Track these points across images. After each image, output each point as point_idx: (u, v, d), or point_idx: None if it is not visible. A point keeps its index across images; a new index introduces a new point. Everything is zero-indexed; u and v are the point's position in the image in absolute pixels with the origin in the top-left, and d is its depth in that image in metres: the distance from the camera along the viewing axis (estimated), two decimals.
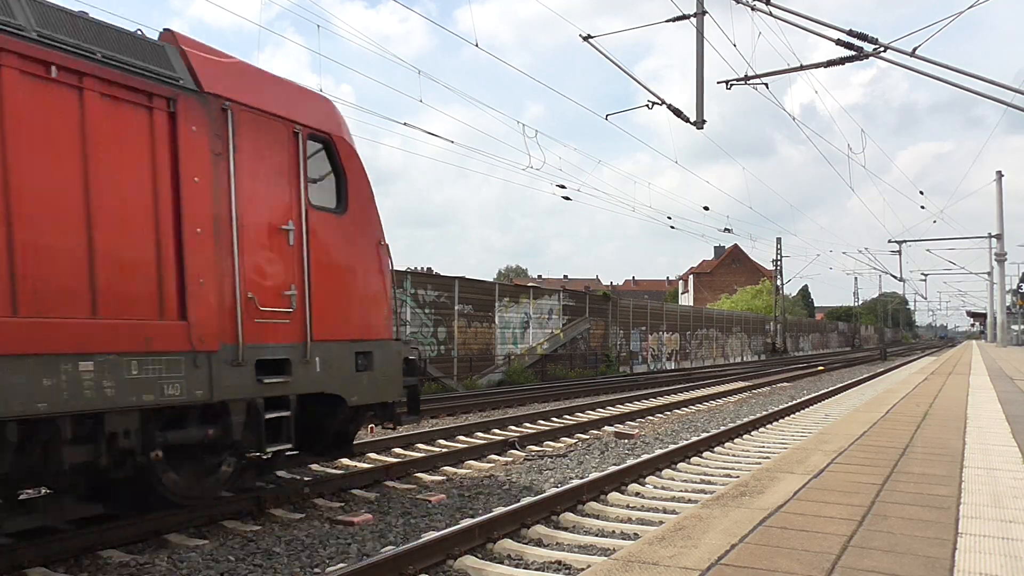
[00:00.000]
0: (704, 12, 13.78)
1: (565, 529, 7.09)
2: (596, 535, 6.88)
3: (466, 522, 6.70)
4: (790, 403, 17.96)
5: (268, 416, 6.84)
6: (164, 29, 6.65)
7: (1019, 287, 57.69)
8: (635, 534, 6.66)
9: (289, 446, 7.16)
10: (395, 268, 8.81)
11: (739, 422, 14.42)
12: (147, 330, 5.77)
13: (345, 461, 9.95)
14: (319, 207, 7.46)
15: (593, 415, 16.17)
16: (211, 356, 6.24)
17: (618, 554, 3.96)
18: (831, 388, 22.67)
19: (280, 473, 9.17)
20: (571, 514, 7.52)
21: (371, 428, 8.84)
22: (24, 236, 5.10)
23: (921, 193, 50.69)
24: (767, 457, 10.53)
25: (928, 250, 51.69)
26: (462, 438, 12.69)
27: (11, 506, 5.95)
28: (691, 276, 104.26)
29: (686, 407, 18.02)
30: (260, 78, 7.20)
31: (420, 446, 11.77)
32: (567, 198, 26.15)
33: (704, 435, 12.57)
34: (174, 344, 5.96)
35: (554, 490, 8.14)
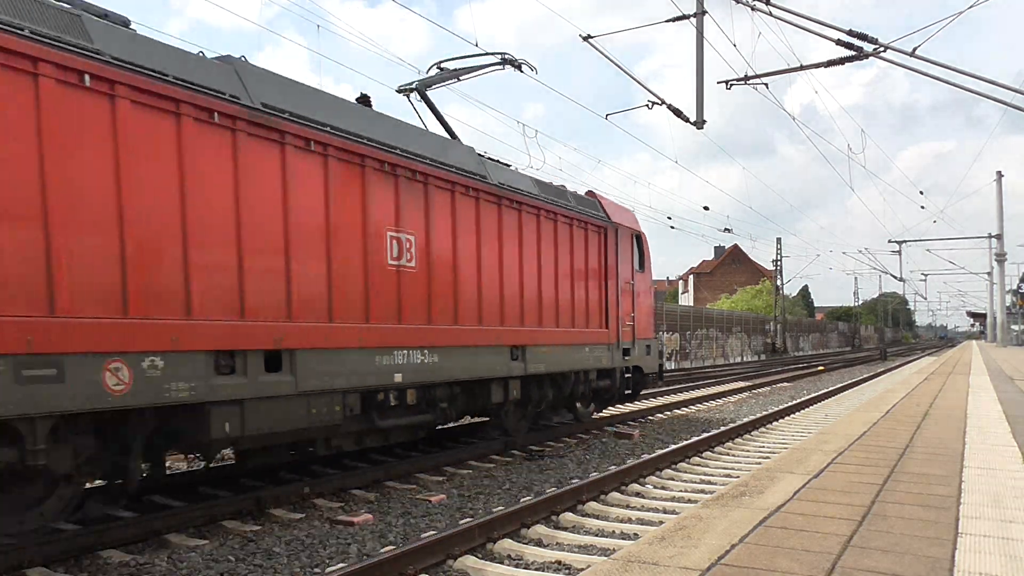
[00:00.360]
0: (704, 12, 13.78)
1: (565, 529, 7.09)
2: (596, 535, 6.88)
3: (466, 522, 6.71)
4: (790, 403, 17.96)
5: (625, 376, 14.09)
6: (588, 191, 13.80)
7: (1019, 287, 57.70)
8: (635, 534, 6.66)
9: (629, 391, 14.34)
10: None
11: (739, 422, 14.42)
12: (599, 335, 13.02)
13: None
14: (636, 270, 14.48)
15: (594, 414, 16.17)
16: (612, 346, 13.35)
17: (618, 554, 3.96)
18: (831, 388, 22.67)
19: (280, 473, 9.26)
20: (571, 514, 7.52)
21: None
22: (564, 296, 12.27)
23: (921, 193, 50.74)
24: (767, 457, 10.53)
25: (928, 250, 51.78)
26: None
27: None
28: (691, 276, 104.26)
29: (686, 407, 18.02)
30: (621, 209, 14.50)
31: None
32: None
33: (704, 435, 12.56)
34: (604, 339, 13.14)
35: (554, 490, 8.14)
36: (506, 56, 11.58)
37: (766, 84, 14.39)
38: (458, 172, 9.66)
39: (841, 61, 12.53)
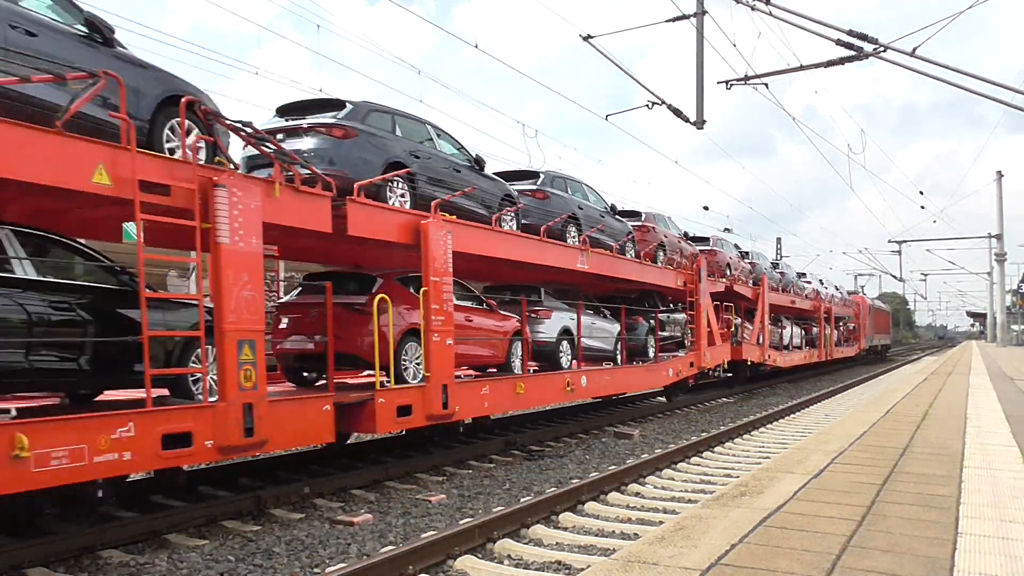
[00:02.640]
0: (704, 12, 13.77)
1: (565, 529, 7.09)
2: (596, 535, 6.88)
3: (466, 522, 6.71)
4: (790, 403, 17.96)
5: None
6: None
7: (1019, 287, 57.68)
8: (635, 534, 6.66)
9: None
10: None
11: (739, 422, 14.42)
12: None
13: None
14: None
15: (594, 415, 16.16)
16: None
17: (618, 554, 3.96)
18: (831, 388, 22.67)
19: (280, 473, 9.28)
20: (571, 514, 7.52)
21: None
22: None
23: (921, 193, 50.77)
24: (767, 457, 10.53)
25: (928, 250, 51.70)
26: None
27: None
28: None
29: (686, 407, 18.02)
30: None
31: None
32: None
33: (704, 435, 12.57)
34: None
35: (554, 490, 8.14)
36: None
37: (766, 84, 14.38)
38: None
39: (841, 61, 12.51)
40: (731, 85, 14.33)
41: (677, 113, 14.22)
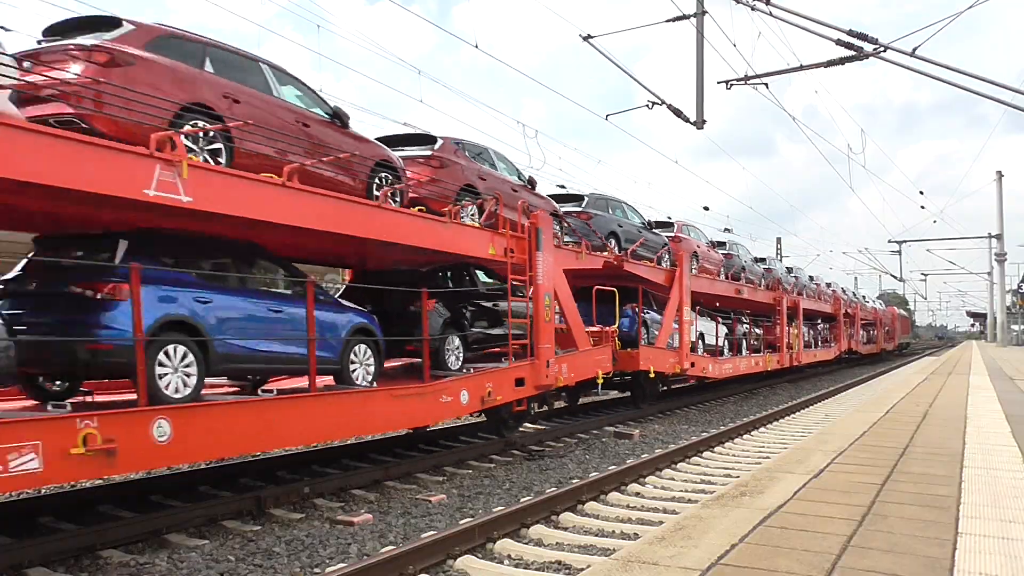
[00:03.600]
0: (704, 12, 13.77)
1: (565, 529, 7.09)
2: (596, 535, 6.88)
3: (466, 522, 6.71)
4: (790, 403, 17.96)
5: None
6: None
7: (1019, 287, 57.66)
8: (635, 534, 6.66)
9: None
10: None
11: (739, 422, 14.42)
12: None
13: None
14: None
15: (595, 415, 16.16)
16: None
17: (618, 554, 3.96)
18: (831, 388, 22.67)
19: (280, 473, 9.28)
20: (571, 514, 7.52)
21: None
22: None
23: (921, 193, 50.77)
24: (767, 457, 10.53)
25: (928, 250, 51.56)
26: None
27: None
28: None
29: (686, 407, 18.01)
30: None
31: None
32: None
33: (704, 435, 12.56)
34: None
35: (554, 490, 8.14)
36: None
37: (766, 84, 14.37)
38: None
39: (841, 61, 12.51)
40: (731, 85, 14.33)
41: (677, 113, 14.22)
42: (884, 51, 11.86)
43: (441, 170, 10.59)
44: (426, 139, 11.50)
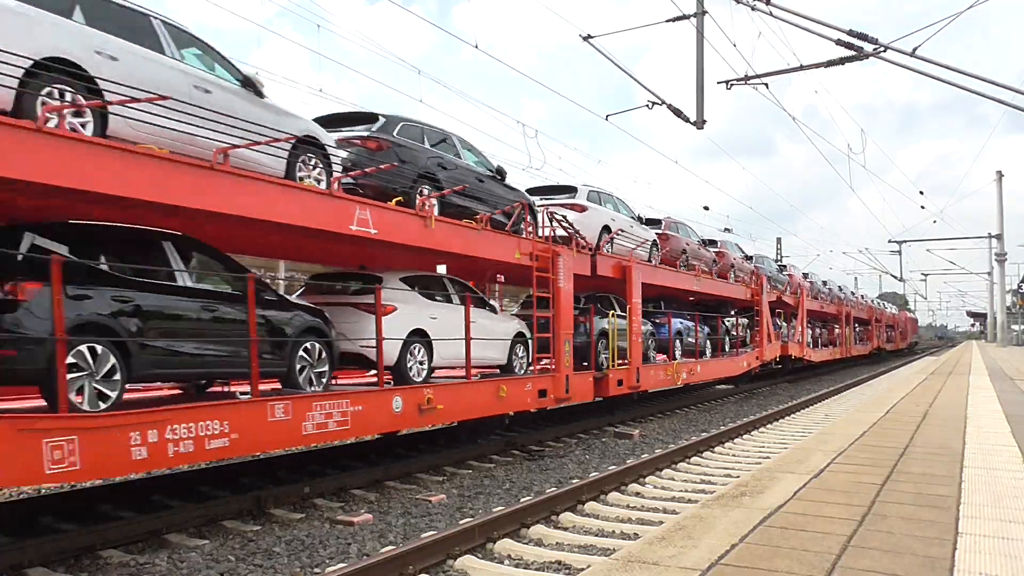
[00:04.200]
0: (704, 12, 13.77)
1: (565, 529, 7.09)
2: (596, 535, 6.88)
3: (466, 522, 6.70)
4: (790, 403, 17.96)
5: None
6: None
7: (1019, 287, 57.64)
8: (635, 534, 6.66)
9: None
10: None
11: (739, 422, 14.42)
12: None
13: None
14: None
15: (595, 415, 16.15)
16: None
17: (618, 554, 3.96)
18: (831, 388, 22.67)
19: (280, 473, 9.28)
20: (571, 514, 7.52)
21: None
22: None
23: (921, 193, 50.68)
24: (767, 457, 10.53)
25: (928, 250, 51.53)
26: None
27: None
28: None
29: (686, 407, 18.01)
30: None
31: None
32: None
33: (704, 435, 12.56)
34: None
35: (554, 490, 8.14)
36: None
37: (766, 84, 14.37)
38: None
39: (841, 61, 12.51)
40: (731, 85, 14.32)
41: (677, 113, 14.22)
42: (884, 51, 11.86)
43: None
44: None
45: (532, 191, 13.72)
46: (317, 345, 7.93)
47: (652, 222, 18.33)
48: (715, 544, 4.03)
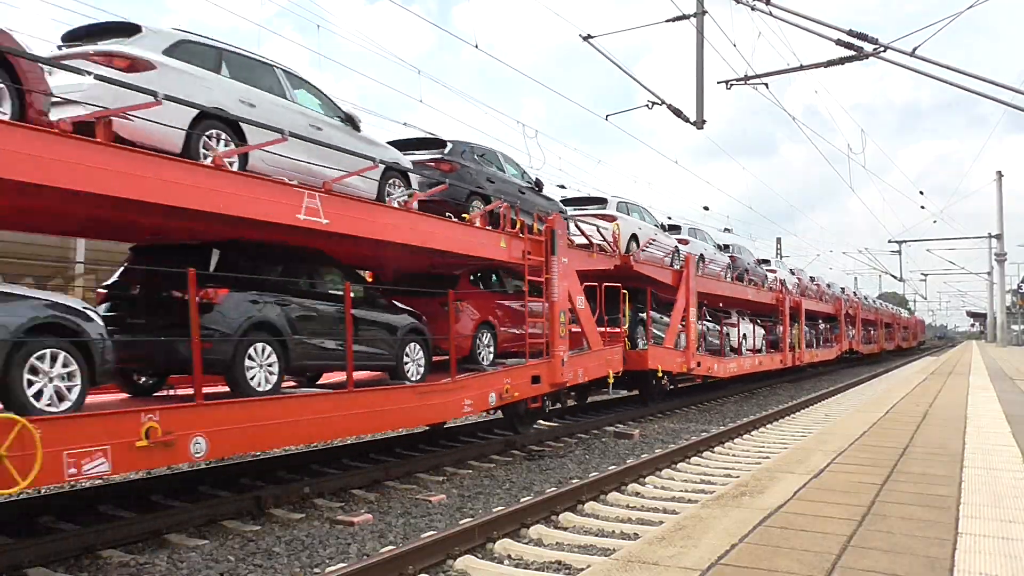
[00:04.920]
0: (704, 12, 13.77)
1: (565, 529, 7.09)
2: (596, 535, 6.88)
3: (466, 522, 6.71)
4: (790, 403, 17.96)
5: None
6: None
7: (1019, 287, 57.64)
8: (635, 534, 6.66)
9: None
10: None
11: (739, 422, 14.42)
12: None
13: None
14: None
15: (595, 415, 16.16)
16: None
17: (618, 554, 3.96)
18: (831, 388, 22.67)
19: (280, 473, 9.28)
20: (571, 514, 7.52)
21: None
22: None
23: (921, 193, 50.69)
24: (767, 457, 10.53)
25: (928, 250, 51.49)
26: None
27: None
28: None
29: (686, 407, 18.01)
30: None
31: None
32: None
33: (704, 435, 12.56)
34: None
35: (554, 490, 8.14)
36: None
37: (766, 84, 14.38)
38: None
39: (841, 61, 12.51)
40: (731, 85, 14.33)
41: (677, 113, 14.22)
42: (884, 51, 11.86)
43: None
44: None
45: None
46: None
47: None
48: (715, 544, 4.03)
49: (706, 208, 40.12)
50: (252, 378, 7.12)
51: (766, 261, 27.84)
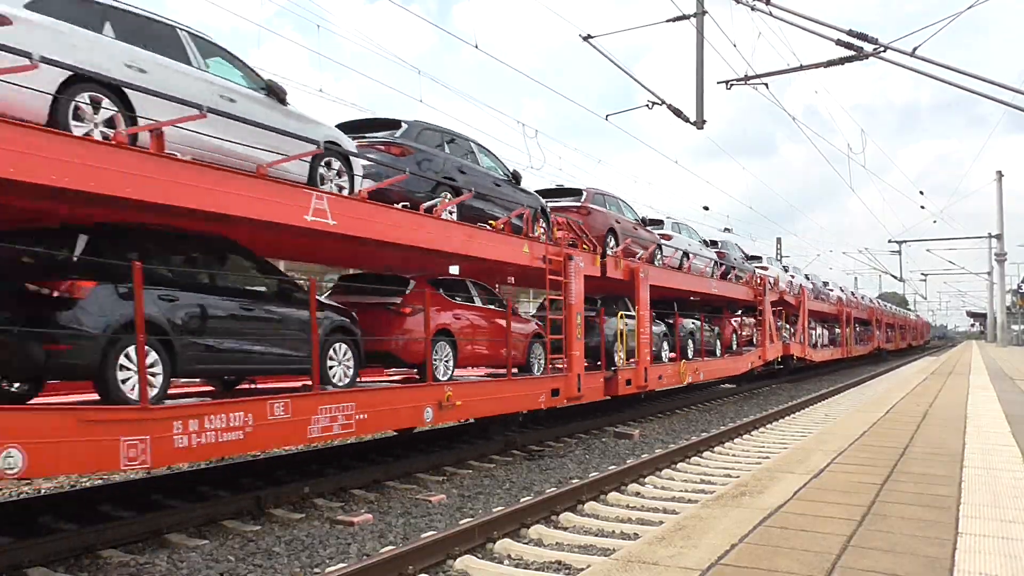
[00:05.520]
0: (704, 12, 13.77)
1: (565, 529, 7.09)
2: (596, 535, 6.88)
3: (466, 522, 6.70)
4: (790, 403, 17.95)
5: None
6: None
7: (1019, 287, 57.63)
8: (635, 534, 6.66)
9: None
10: None
11: (739, 422, 14.41)
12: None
13: None
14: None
15: (594, 415, 16.15)
16: None
17: (618, 554, 3.96)
18: (831, 388, 22.66)
19: (280, 473, 9.27)
20: (571, 514, 7.52)
21: None
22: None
23: (921, 193, 50.62)
24: (767, 457, 10.53)
25: (928, 250, 51.44)
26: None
27: None
28: None
29: (686, 407, 18.01)
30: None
31: None
32: None
33: (704, 435, 12.56)
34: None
35: (554, 490, 8.14)
36: None
37: (766, 84, 14.37)
38: None
39: (841, 61, 12.51)
40: (731, 85, 14.32)
41: (677, 113, 14.22)
42: (884, 51, 11.86)
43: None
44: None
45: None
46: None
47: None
48: (715, 544, 4.03)
49: (706, 208, 40.21)
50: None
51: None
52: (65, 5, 5.99)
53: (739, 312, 23.51)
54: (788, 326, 26.84)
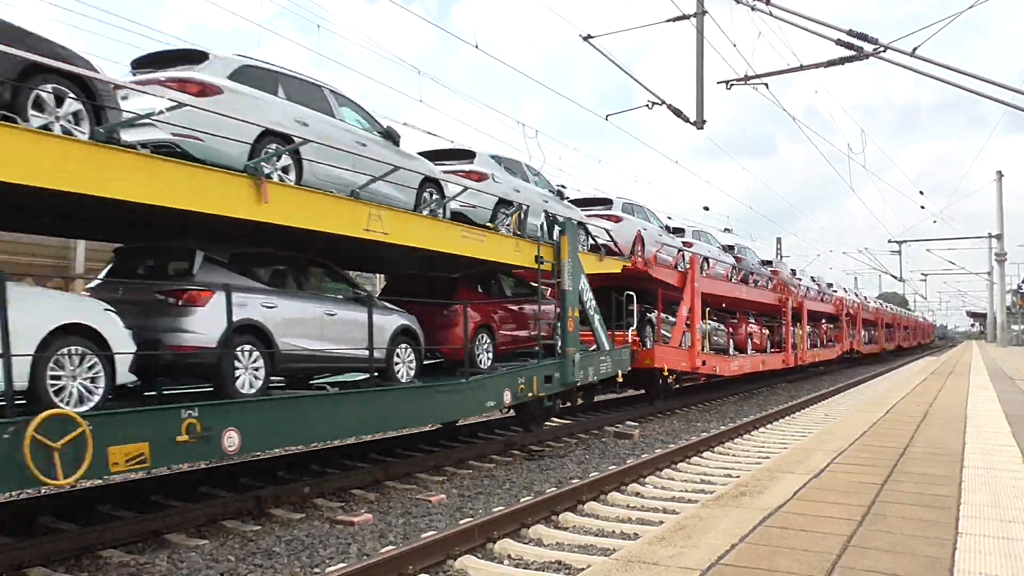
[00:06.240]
0: (704, 12, 13.76)
1: (565, 529, 7.09)
2: (596, 535, 6.88)
3: (466, 522, 6.70)
4: (790, 403, 17.95)
5: None
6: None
7: (1019, 287, 57.61)
8: (635, 534, 6.66)
9: None
10: None
11: (739, 422, 14.42)
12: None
13: None
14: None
15: (594, 415, 16.15)
16: None
17: (618, 554, 3.96)
18: (831, 388, 22.66)
19: (280, 473, 9.28)
20: (571, 514, 7.52)
21: None
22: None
23: (921, 193, 50.63)
24: (767, 457, 10.52)
25: (928, 250, 51.39)
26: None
27: None
28: None
29: (686, 407, 18.01)
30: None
31: None
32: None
33: (704, 435, 12.56)
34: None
35: (554, 490, 8.14)
36: None
37: (766, 84, 14.36)
38: None
39: (841, 61, 12.50)
40: (731, 85, 14.32)
41: (677, 113, 14.22)
42: (884, 51, 11.85)
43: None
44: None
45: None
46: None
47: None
48: (715, 544, 4.03)
49: (706, 208, 40.26)
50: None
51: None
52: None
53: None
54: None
